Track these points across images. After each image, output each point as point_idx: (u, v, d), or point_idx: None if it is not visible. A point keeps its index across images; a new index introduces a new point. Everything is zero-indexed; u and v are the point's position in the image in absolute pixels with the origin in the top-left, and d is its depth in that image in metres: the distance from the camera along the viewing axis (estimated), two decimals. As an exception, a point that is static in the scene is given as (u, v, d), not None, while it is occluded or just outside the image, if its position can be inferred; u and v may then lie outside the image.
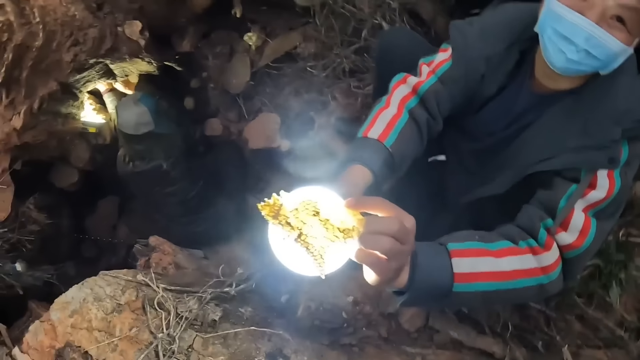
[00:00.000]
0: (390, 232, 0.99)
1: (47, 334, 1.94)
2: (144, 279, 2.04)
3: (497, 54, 1.62)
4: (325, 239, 1.01)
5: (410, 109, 1.64)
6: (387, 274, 1.05)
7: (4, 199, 2.75)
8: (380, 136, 1.52)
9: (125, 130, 2.86)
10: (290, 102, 3.21)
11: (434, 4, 2.91)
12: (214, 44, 3.18)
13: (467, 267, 1.26)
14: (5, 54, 2.49)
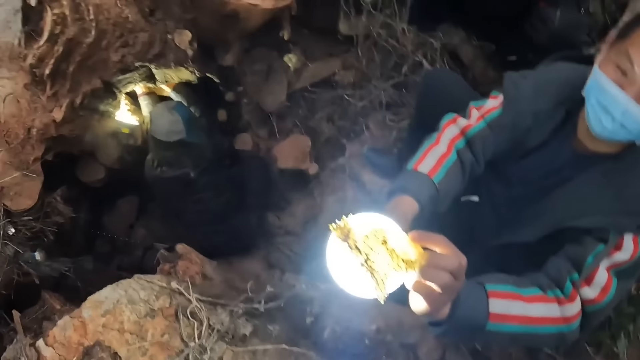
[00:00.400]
0: (449, 268, 1.05)
1: (77, 331, 1.87)
2: (178, 286, 1.98)
3: (545, 110, 1.64)
4: (389, 267, 1.05)
5: (458, 149, 1.67)
6: (437, 306, 1.12)
7: (32, 188, 2.68)
8: (430, 172, 1.56)
9: (157, 136, 2.81)
10: (321, 126, 3.18)
11: (474, 48, 2.92)
12: (253, 61, 3.14)
13: (501, 309, 1.32)
14: (56, 47, 2.45)
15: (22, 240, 2.63)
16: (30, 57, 2.44)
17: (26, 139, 2.61)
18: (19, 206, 2.63)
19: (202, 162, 2.90)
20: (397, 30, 2.86)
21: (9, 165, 2.63)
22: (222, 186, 3.00)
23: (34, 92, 2.56)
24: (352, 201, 2.92)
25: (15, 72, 2.54)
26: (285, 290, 2.19)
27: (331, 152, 3.14)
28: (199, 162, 2.89)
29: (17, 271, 2.60)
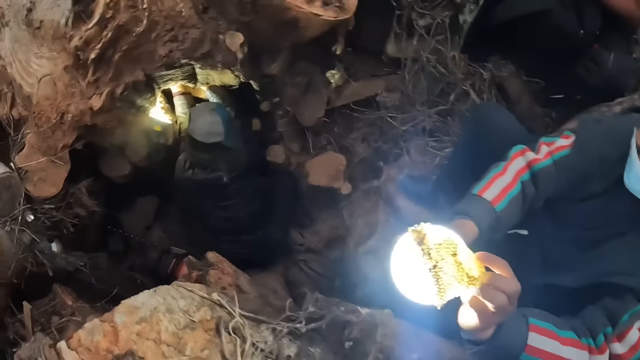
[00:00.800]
0: (507, 291, 1.08)
1: (107, 336, 1.60)
2: (219, 298, 1.72)
3: (612, 159, 1.58)
4: (453, 278, 1.06)
5: (523, 181, 1.63)
6: (486, 325, 1.16)
7: (58, 175, 2.44)
8: (494, 200, 1.55)
9: (194, 136, 2.60)
10: (356, 146, 2.97)
11: (522, 83, 2.77)
12: (294, 73, 2.92)
13: (538, 344, 1.32)
14: (105, 31, 2.22)
15: (40, 229, 2.40)
16: (77, 38, 2.20)
17: (57, 124, 2.37)
18: (42, 193, 2.38)
19: (236, 168, 2.69)
20: (447, 56, 2.67)
21: (36, 149, 2.39)
22: (253, 195, 2.78)
23: (74, 76, 2.31)
24: (384, 225, 2.71)
25: (57, 52, 2.30)
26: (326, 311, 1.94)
27: (364, 173, 2.93)
28: (234, 168, 2.68)
29: (31, 260, 2.37)
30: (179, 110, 2.97)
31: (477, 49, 2.73)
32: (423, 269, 1.06)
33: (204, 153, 2.63)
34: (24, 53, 2.34)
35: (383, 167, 2.78)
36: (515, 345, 1.30)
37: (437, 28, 2.65)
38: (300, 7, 2.27)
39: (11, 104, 2.48)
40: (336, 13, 2.34)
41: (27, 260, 2.34)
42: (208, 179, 2.68)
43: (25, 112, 2.43)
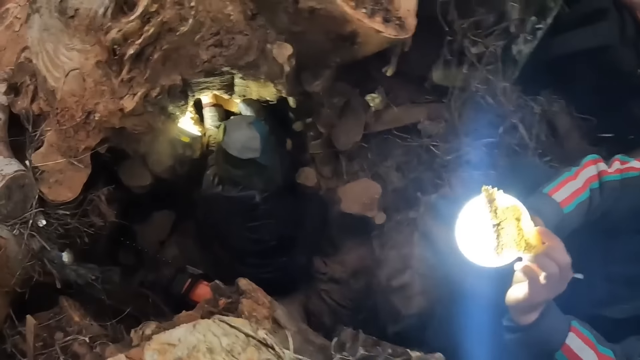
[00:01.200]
0: (559, 262, 1.12)
1: (134, 379, 1.24)
2: (266, 337, 1.38)
3: None
4: (512, 240, 1.13)
5: (592, 189, 1.59)
6: (535, 296, 1.16)
7: (76, 179, 2.12)
8: (563, 202, 1.52)
9: (228, 150, 2.32)
10: (390, 175, 2.67)
11: (572, 119, 2.54)
12: (332, 93, 2.62)
13: (575, 347, 1.27)
14: (147, 27, 1.91)
15: (51, 236, 2.10)
16: (115, 31, 1.89)
17: (82, 124, 2.06)
18: (57, 197, 2.06)
19: (269, 188, 2.43)
20: (497, 87, 2.40)
21: (55, 149, 2.07)
22: (283, 218, 2.48)
23: (106, 73, 2.01)
24: (419, 260, 2.39)
25: (90, 45, 1.99)
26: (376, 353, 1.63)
27: (396, 203, 2.64)
28: (267, 187, 2.42)
29: (39, 269, 2.05)
30: (209, 123, 2.66)
31: (529, 81, 2.49)
32: (487, 225, 1.13)
33: (237, 169, 2.35)
34: (52, 43, 2.03)
35: (421, 197, 2.47)
36: (553, 340, 1.26)
37: (489, 57, 2.38)
38: (361, 21, 1.98)
39: (32, 97, 2.16)
40: (396, 31, 2.06)
41: (34, 269, 2.04)
42: (239, 196, 2.40)
43: (47, 108, 2.11)
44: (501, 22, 2.31)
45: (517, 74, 2.40)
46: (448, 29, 2.35)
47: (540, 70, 2.45)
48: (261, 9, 2.11)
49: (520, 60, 2.36)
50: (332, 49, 2.16)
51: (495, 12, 2.30)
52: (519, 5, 2.27)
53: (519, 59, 2.36)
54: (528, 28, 2.29)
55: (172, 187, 2.67)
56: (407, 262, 2.48)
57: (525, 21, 2.30)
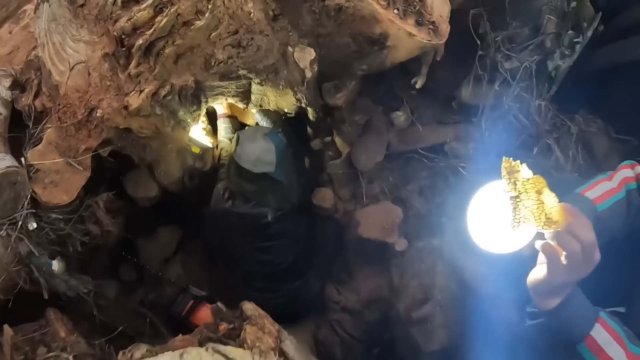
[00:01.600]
0: (584, 242, 1.00)
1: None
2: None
3: None
4: (531, 214, 1.01)
5: (629, 189, 1.44)
6: (554, 276, 1.05)
7: (73, 182, 1.87)
8: (596, 199, 1.38)
9: (240, 163, 2.08)
10: (412, 199, 2.37)
11: (610, 141, 2.24)
12: (354, 110, 2.36)
13: (601, 340, 1.12)
14: (160, 17, 1.66)
15: (42, 241, 1.81)
16: (124, 19, 1.64)
17: (84, 122, 1.82)
18: (51, 199, 1.79)
19: (284, 206, 2.18)
20: (531, 105, 2.13)
21: (53, 148, 1.82)
22: (296, 240, 2.22)
23: (112, 67, 1.77)
24: (442, 291, 2.08)
25: (97, 36, 1.76)
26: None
27: (418, 230, 2.33)
28: (281, 205, 2.17)
29: (25, 276, 1.79)
30: (222, 135, 2.40)
31: (565, 99, 2.20)
32: (504, 203, 1.04)
33: (249, 183, 2.10)
34: (60, 34, 1.80)
35: (446, 223, 2.16)
36: (576, 329, 1.13)
37: (523, 73, 2.11)
38: (392, 22, 1.72)
39: (36, 92, 1.93)
40: (429, 36, 1.80)
41: (20, 275, 1.77)
42: (250, 213, 2.14)
43: (49, 104, 1.87)
44: (536, 36, 2.07)
45: (552, 91, 2.13)
46: (479, 42, 2.10)
47: (577, 87, 2.18)
48: (284, 9, 1.87)
49: (557, 76, 2.10)
50: (358, 54, 1.92)
51: (530, 25, 2.07)
52: (555, 19, 2.01)
53: (555, 76, 2.10)
54: (565, 42, 2.03)
55: (179, 201, 2.40)
56: (428, 292, 2.18)
57: (561, 35, 2.05)
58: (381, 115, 2.42)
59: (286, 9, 1.87)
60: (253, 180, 2.07)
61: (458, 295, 2.09)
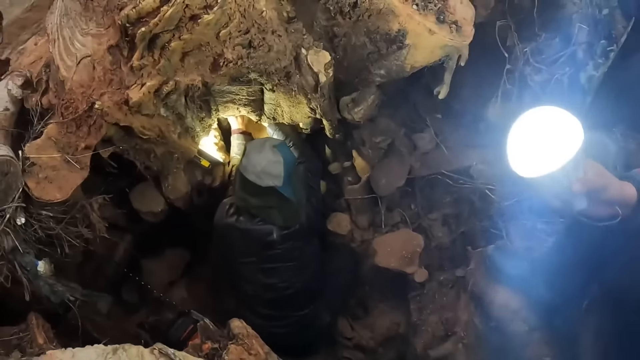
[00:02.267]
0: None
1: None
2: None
3: None
4: None
5: None
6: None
7: (69, 180, 1.76)
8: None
9: (246, 175, 1.94)
10: (434, 228, 2.18)
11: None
12: (375, 131, 2.20)
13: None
14: (166, 6, 1.58)
15: (29, 238, 1.63)
16: (129, 8, 1.56)
17: (85, 117, 1.70)
18: (44, 195, 1.68)
19: (290, 224, 1.99)
20: None
21: (52, 143, 1.73)
22: (304, 264, 2.05)
23: (116, 59, 1.71)
24: (465, 327, 1.84)
25: (104, 28, 1.71)
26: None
27: (441, 261, 2.12)
28: (287, 223, 1.99)
29: (7, 273, 1.63)
30: (235, 151, 2.29)
31: (601, 114, 1.95)
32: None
33: (254, 197, 1.95)
34: (70, 29, 1.76)
35: (471, 252, 1.93)
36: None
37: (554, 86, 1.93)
38: (411, 17, 1.60)
39: (44, 90, 1.85)
40: (451, 34, 1.65)
41: (1, 272, 1.60)
42: (254, 229, 1.98)
43: (55, 101, 1.80)
44: (567, 47, 1.90)
45: (586, 105, 1.93)
46: (507, 55, 1.94)
47: (613, 100, 1.97)
48: (299, 11, 1.79)
49: (590, 89, 1.90)
50: (376, 55, 1.78)
51: (561, 36, 1.89)
52: (587, 27, 1.84)
53: (588, 88, 1.90)
54: (598, 51, 1.86)
55: (187, 219, 2.25)
56: (450, 328, 1.96)
57: (594, 45, 1.87)
58: (403, 137, 2.28)
59: (301, 10, 1.79)
60: (258, 194, 1.92)
61: (483, 332, 1.83)
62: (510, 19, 1.92)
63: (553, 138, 1.12)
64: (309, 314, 2.06)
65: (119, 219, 2.15)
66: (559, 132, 1.12)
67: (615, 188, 1.14)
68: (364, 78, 1.91)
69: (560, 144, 1.10)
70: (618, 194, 1.14)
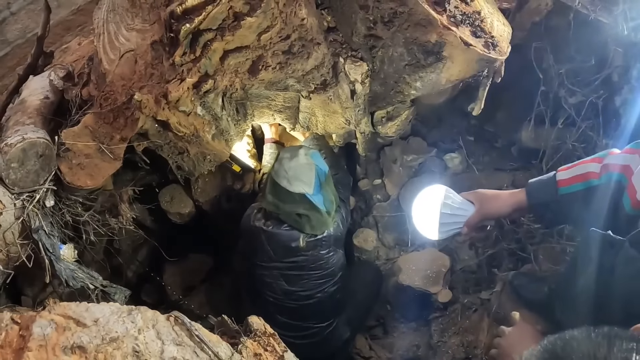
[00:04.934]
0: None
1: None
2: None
3: None
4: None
5: (612, 178, 1.23)
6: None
7: (101, 169, 1.74)
8: (562, 182, 1.34)
9: (277, 179, 1.87)
10: (461, 250, 2.06)
11: None
12: (406, 150, 2.14)
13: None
14: (211, 5, 1.56)
15: (55, 221, 1.57)
16: (175, 4, 1.54)
17: (122, 109, 1.67)
18: (75, 180, 1.67)
19: (319, 231, 1.90)
20: (598, 146, 1.86)
21: (88, 131, 1.72)
22: (328, 274, 1.94)
23: (158, 55, 1.69)
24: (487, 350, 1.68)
25: (149, 24, 1.72)
26: None
27: (466, 284, 2.01)
28: (315, 231, 1.89)
29: (31, 253, 1.56)
30: (267, 159, 2.24)
31: (635, 138, 1.86)
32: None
33: (284, 203, 1.86)
34: (115, 24, 1.76)
35: (497, 274, 1.81)
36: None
37: (588, 110, 1.87)
38: (448, 28, 1.55)
39: (85, 82, 1.84)
40: (487, 49, 1.60)
41: (25, 251, 1.55)
42: (280, 234, 1.89)
43: (95, 92, 1.79)
44: (602, 70, 1.84)
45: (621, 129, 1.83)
46: (542, 77, 1.87)
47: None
48: (340, 21, 1.76)
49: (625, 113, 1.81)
50: (412, 67, 1.72)
51: (597, 58, 1.83)
52: (622, 50, 1.76)
53: (623, 112, 1.82)
54: (634, 76, 1.78)
55: (213, 225, 2.18)
56: (471, 351, 1.83)
57: (629, 69, 1.80)
58: (435, 158, 2.21)
59: (341, 20, 1.77)
60: (288, 200, 1.85)
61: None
62: (547, 40, 1.86)
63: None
64: (329, 327, 1.97)
65: (146, 218, 2.10)
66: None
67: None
68: (400, 91, 1.85)
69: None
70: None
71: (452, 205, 1.45)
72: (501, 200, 1.41)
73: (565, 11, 1.77)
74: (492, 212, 1.42)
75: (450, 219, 1.45)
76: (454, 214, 1.45)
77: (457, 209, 1.45)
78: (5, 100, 1.89)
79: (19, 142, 1.52)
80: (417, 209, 1.53)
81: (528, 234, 1.86)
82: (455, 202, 1.46)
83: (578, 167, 1.34)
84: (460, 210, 1.45)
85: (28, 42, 2.57)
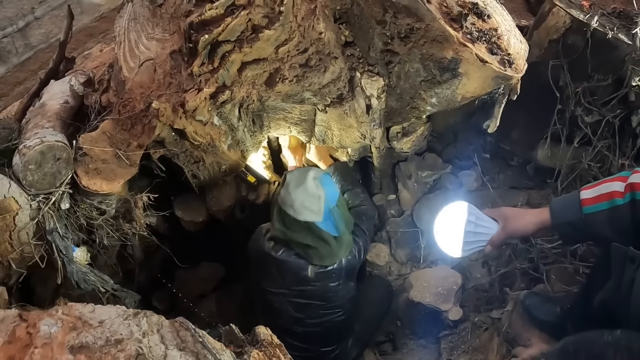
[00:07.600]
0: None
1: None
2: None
3: None
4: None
5: (635, 198, 1.21)
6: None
7: (117, 175, 1.76)
8: (587, 201, 1.29)
9: (284, 207, 1.80)
10: (473, 269, 2.04)
11: None
12: (422, 166, 2.13)
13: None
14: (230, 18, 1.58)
15: (70, 224, 1.58)
16: (195, 15, 1.57)
17: (140, 116, 1.70)
18: (91, 185, 1.69)
19: (328, 264, 1.82)
20: (614, 166, 1.84)
21: (106, 137, 1.74)
22: (338, 305, 1.88)
23: (177, 64, 1.72)
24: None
25: (169, 34, 1.74)
26: None
27: (476, 303, 1.97)
28: (324, 262, 1.82)
29: (44, 253, 1.59)
30: (286, 171, 2.20)
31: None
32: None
33: (292, 231, 1.79)
34: (136, 32, 1.80)
35: (509, 294, 1.78)
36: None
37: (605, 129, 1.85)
38: (464, 45, 1.54)
39: (104, 89, 1.87)
40: (504, 66, 1.59)
41: (39, 251, 1.58)
42: (289, 262, 1.82)
43: (114, 99, 1.82)
44: (620, 89, 1.81)
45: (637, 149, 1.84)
46: (558, 95, 1.85)
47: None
48: (357, 36, 1.76)
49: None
50: (428, 84, 1.71)
51: (614, 77, 1.80)
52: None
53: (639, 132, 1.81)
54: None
55: (226, 234, 2.18)
56: (481, 371, 1.75)
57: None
58: (450, 174, 2.19)
59: (359, 35, 1.77)
60: (296, 229, 1.78)
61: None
62: (564, 59, 1.84)
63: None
64: (336, 350, 1.93)
65: (160, 225, 2.11)
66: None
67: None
68: (415, 107, 1.85)
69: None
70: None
71: (476, 223, 1.42)
72: (526, 219, 1.37)
73: (583, 30, 1.75)
74: (516, 230, 1.38)
75: (474, 237, 1.42)
76: (477, 232, 1.41)
77: (481, 226, 1.41)
78: (26, 103, 1.93)
79: (37, 145, 1.55)
80: (439, 225, 1.50)
81: (541, 254, 1.83)
82: (479, 220, 1.42)
83: (602, 186, 1.30)
84: (484, 229, 1.41)
85: (51, 46, 2.64)
